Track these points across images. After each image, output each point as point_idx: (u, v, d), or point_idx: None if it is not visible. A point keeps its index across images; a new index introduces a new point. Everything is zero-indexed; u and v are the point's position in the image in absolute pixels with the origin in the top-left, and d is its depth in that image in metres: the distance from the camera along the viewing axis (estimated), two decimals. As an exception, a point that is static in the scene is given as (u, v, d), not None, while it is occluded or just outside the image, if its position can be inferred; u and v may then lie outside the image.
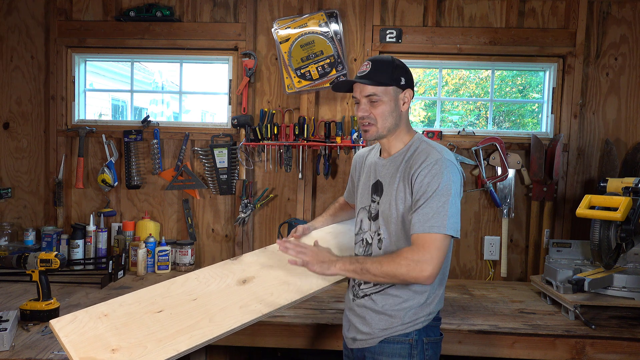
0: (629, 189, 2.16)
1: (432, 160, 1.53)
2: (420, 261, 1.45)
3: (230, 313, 1.52)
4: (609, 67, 2.87)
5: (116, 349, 1.32)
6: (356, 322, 1.67)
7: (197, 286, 1.63)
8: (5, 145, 3.06)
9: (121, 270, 2.67)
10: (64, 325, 1.40)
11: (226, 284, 1.67)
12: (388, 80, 1.61)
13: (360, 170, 1.82)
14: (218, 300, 1.58)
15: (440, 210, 1.48)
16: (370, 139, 1.65)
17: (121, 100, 4.44)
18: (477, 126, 3.18)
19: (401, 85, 1.64)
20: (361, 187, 1.77)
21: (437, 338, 1.66)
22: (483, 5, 2.89)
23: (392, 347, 1.60)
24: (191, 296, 1.58)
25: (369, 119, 1.62)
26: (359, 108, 1.65)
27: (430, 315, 1.62)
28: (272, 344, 2.16)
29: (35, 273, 2.01)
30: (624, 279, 2.24)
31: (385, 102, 1.61)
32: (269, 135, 2.87)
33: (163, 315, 1.47)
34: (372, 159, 1.76)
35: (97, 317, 1.44)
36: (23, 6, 3.00)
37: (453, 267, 2.97)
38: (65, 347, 1.33)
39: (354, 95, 1.67)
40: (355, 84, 1.65)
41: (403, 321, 1.59)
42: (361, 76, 1.63)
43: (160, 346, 1.35)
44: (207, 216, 3.03)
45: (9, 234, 2.97)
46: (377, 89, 1.61)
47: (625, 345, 2.02)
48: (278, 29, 2.85)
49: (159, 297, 1.56)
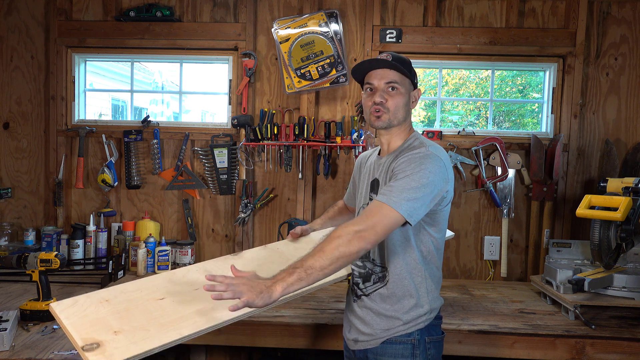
0: (629, 189, 2.16)
1: (420, 152, 1.52)
2: (360, 231, 1.37)
3: (233, 302, 1.51)
4: (609, 67, 2.87)
5: (118, 331, 1.31)
6: (357, 324, 1.67)
7: (198, 277, 1.62)
8: (5, 145, 3.06)
9: (121, 270, 2.67)
10: (64, 308, 1.39)
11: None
12: (408, 73, 1.63)
13: (362, 171, 1.82)
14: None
15: (404, 190, 1.42)
16: (382, 126, 1.62)
17: (121, 100, 4.44)
18: (477, 126, 3.18)
19: (414, 83, 1.66)
20: (361, 187, 1.77)
21: (439, 337, 1.66)
22: (483, 5, 2.89)
23: (395, 347, 1.59)
24: (193, 286, 1.56)
25: (383, 107, 1.61)
26: (373, 94, 1.61)
27: (432, 314, 1.62)
28: (272, 344, 2.16)
29: (35, 273, 2.01)
30: (624, 279, 2.24)
31: (403, 93, 1.62)
32: (269, 135, 2.87)
33: (165, 302, 1.46)
34: (372, 159, 1.76)
35: (99, 301, 1.43)
36: (23, 6, 3.00)
37: (453, 267, 2.97)
38: (67, 328, 1.32)
39: (369, 81, 1.63)
40: (375, 70, 1.62)
41: (404, 321, 1.58)
42: (385, 61, 1.60)
43: (163, 330, 1.33)
44: (207, 216, 3.03)
45: (9, 234, 2.98)
46: (400, 77, 1.61)
47: (625, 345, 2.02)
48: (278, 29, 2.85)
49: (161, 286, 1.54)
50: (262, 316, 2.14)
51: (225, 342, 2.15)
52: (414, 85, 1.67)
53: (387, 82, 1.60)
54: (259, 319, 2.12)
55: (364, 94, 1.68)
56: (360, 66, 1.65)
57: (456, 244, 2.96)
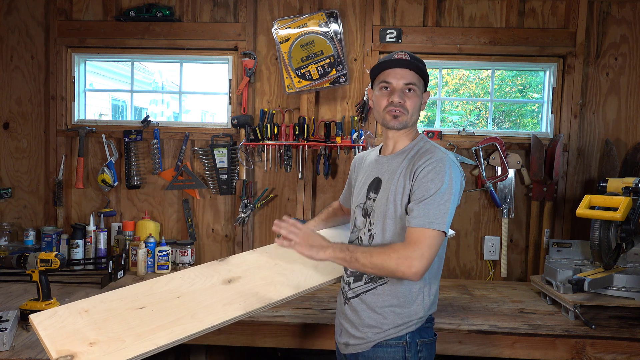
0: (629, 189, 2.16)
1: (437, 157, 1.52)
2: (410, 257, 1.42)
3: (213, 310, 1.51)
4: (609, 67, 2.87)
5: (94, 342, 1.32)
6: (348, 327, 1.65)
7: (181, 285, 1.63)
8: (5, 145, 3.06)
9: (121, 270, 2.67)
10: (42, 320, 1.40)
11: (211, 283, 1.66)
12: (424, 74, 1.63)
13: (359, 171, 1.80)
14: (202, 298, 1.57)
15: (442, 208, 1.46)
16: (398, 127, 1.61)
17: (121, 100, 4.44)
18: (477, 126, 3.18)
19: (426, 85, 1.66)
20: (358, 185, 1.74)
21: (432, 339, 1.64)
22: (483, 5, 2.89)
23: (386, 351, 1.57)
24: (175, 294, 1.57)
25: (403, 108, 1.60)
26: (391, 94, 1.60)
27: (422, 318, 1.59)
28: (272, 344, 2.16)
29: (35, 273, 2.00)
30: (624, 279, 2.24)
31: (418, 95, 1.62)
32: (269, 135, 2.87)
33: (144, 311, 1.47)
34: (371, 159, 1.75)
35: (78, 312, 1.44)
36: (23, 6, 3.00)
37: (453, 267, 2.97)
38: (43, 340, 1.33)
39: (386, 79, 1.61)
40: (394, 69, 1.59)
41: (395, 324, 1.56)
42: (406, 61, 1.58)
43: (139, 340, 1.35)
44: (207, 216, 3.03)
45: (9, 234, 2.98)
46: (418, 78, 1.60)
47: (625, 345, 2.02)
48: (278, 29, 2.85)
49: (142, 295, 1.56)
50: (262, 316, 2.14)
51: (225, 342, 2.14)
52: (425, 88, 1.67)
53: (406, 83, 1.59)
54: (258, 319, 2.12)
55: (378, 92, 1.64)
56: (382, 65, 1.62)
57: (456, 244, 2.96)
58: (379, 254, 1.46)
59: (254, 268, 1.77)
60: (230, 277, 1.70)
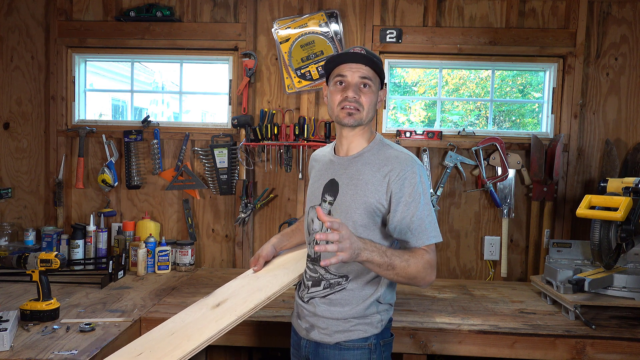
0: (629, 189, 2.16)
1: (409, 168, 1.52)
2: (433, 267, 1.51)
3: (206, 329, 1.59)
4: (609, 67, 2.87)
5: None
6: (309, 317, 1.65)
7: (174, 326, 1.71)
8: (5, 145, 3.06)
9: (121, 271, 2.67)
10: None
11: (201, 313, 1.74)
12: (380, 71, 1.58)
13: (313, 170, 1.75)
14: (195, 326, 1.65)
15: (432, 219, 1.54)
16: (354, 124, 1.56)
17: (121, 100, 4.43)
18: (477, 126, 3.17)
19: (382, 83, 1.62)
20: (314, 186, 1.69)
21: (390, 339, 1.67)
22: (483, 5, 2.89)
23: (352, 353, 1.57)
24: (169, 333, 1.65)
25: (358, 103, 1.54)
26: (345, 89, 1.54)
27: (383, 321, 1.61)
28: (272, 344, 2.16)
29: (36, 273, 2.00)
30: (624, 279, 2.24)
31: (374, 92, 1.57)
32: (269, 135, 2.87)
33: (143, 356, 1.54)
34: (326, 158, 1.69)
35: None
36: (23, 6, 3.00)
37: (453, 267, 2.97)
38: None
39: (341, 72, 1.55)
40: (348, 64, 1.54)
41: (351, 327, 1.57)
42: (361, 55, 1.53)
43: None
44: (207, 216, 3.03)
45: (9, 234, 2.97)
46: (374, 74, 1.56)
47: (625, 345, 2.02)
48: (278, 29, 2.85)
49: (138, 345, 1.63)
50: (262, 316, 2.14)
51: (225, 342, 2.14)
52: (382, 85, 1.62)
53: (361, 77, 1.54)
54: (258, 319, 2.12)
55: (332, 87, 1.59)
56: (336, 59, 1.57)
57: (456, 244, 2.96)
58: (415, 265, 1.47)
59: (239, 287, 1.85)
60: (217, 302, 1.78)
